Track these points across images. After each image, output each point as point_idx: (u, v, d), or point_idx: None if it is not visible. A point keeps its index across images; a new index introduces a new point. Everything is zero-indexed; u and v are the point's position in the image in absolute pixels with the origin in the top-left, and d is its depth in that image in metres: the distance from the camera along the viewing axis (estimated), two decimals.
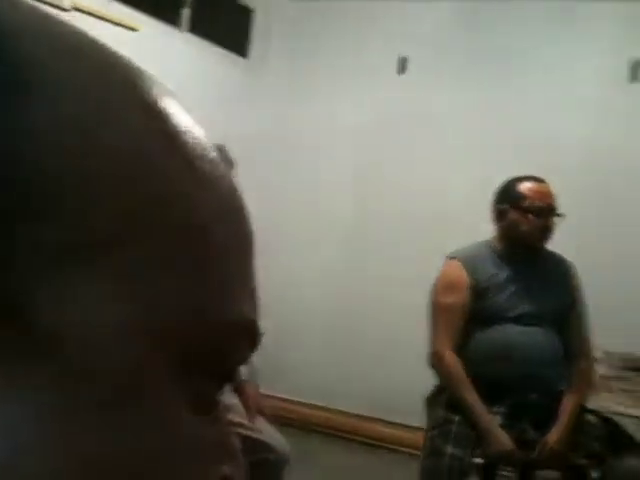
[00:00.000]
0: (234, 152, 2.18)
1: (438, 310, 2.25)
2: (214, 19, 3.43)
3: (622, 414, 2.18)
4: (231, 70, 3.55)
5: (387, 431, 3.38)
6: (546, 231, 2.28)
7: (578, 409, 2.15)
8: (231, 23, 3.59)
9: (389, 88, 3.50)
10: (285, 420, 3.32)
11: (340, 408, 3.54)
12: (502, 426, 2.10)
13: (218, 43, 3.40)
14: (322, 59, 3.60)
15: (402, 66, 3.47)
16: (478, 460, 2.07)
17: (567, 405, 2.14)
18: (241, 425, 1.96)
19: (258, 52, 3.66)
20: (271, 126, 3.61)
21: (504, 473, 2.16)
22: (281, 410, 3.44)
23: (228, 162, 2.10)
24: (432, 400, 2.31)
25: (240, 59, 3.60)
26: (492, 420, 2.10)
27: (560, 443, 2.09)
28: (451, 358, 2.18)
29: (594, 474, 2.08)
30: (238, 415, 2.00)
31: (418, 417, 2.40)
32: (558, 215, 2.28)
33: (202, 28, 3.34)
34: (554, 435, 2.10)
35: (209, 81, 3.40)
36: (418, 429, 2.48)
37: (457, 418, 2.14)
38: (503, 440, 2.06)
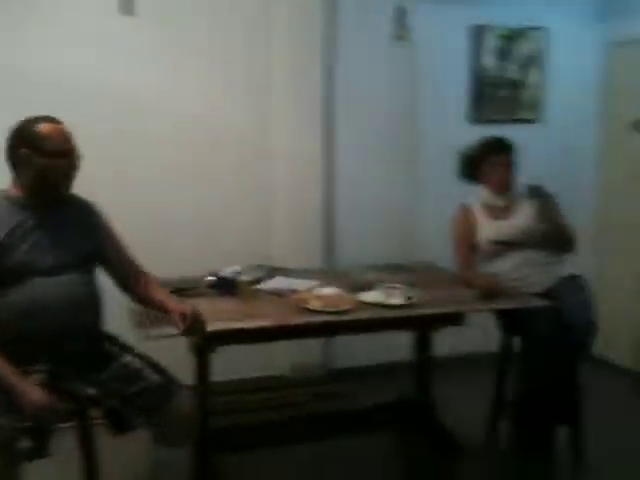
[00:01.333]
0: None
1: None
2: None
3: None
4: None
5: None
6: (73, 173, 2.20)
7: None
8: None
9: None
10: None
11: None
12: (47, 383, 2.03)
13: None
14: None
15: None
16: (25, 424, 1.97)
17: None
18: None
19: None
20: None
21: (60, 426, 2.10)
22: None
23: None
24: None
25: None
26: (23, 379, 2.00)
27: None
28: None
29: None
30: None
31: None
32: (78, 156, 2.20)
33: None
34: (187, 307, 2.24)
35: None
36: None
37: None
38: (37, 397, 1.98)
